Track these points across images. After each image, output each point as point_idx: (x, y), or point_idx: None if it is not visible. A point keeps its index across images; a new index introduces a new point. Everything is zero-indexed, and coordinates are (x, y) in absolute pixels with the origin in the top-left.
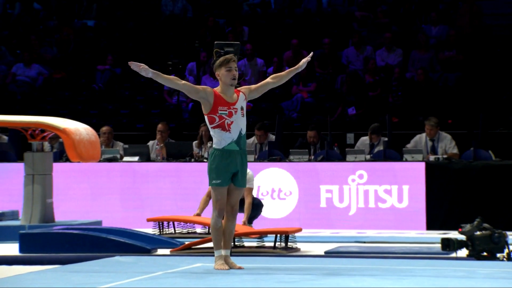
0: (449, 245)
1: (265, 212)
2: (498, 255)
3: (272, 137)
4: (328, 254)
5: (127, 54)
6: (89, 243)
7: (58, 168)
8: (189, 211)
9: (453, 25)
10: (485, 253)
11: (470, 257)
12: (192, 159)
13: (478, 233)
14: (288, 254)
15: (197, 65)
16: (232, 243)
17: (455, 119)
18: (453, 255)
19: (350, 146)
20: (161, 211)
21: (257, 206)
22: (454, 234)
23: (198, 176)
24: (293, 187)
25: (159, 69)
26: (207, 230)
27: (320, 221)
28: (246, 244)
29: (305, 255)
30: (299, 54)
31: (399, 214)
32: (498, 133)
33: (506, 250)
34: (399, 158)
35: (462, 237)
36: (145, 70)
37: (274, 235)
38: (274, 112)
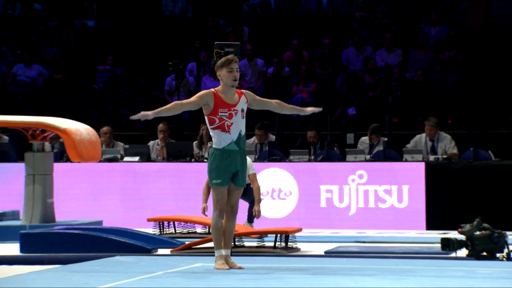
0: (449, 245)
1: (265, 212)
2: (498, 255)
3: (272, 137)
4: (328, 254)
5: (128, 55)
6: (90, 243)
7: (59, 168)
8: (190, 211)
9: (455, 25)
10: (485, 253)
11: (470, 257)
12: (193, 159)
13: (478, 233)
14: (288, 254)
15: (197, 65)
16: (233, 243)
17: (455, 119)
18: (453, 255)
19: (350, 146)
20: (162, 211)
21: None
22: (454, 234)
23: (199, 176)
24: (293, 187)
25: (160, 69)
26: (207, 230)
27: (320, 221)
28: (246, 244)
29: (305, 255)
30: (299, 55)
31: (399, 214)
32: (498, 133)
33: (506, 250)
34: (399, 158)
35: (462, 237)
36: (146, 116)
37: (274, 235)
38: (274, 112)
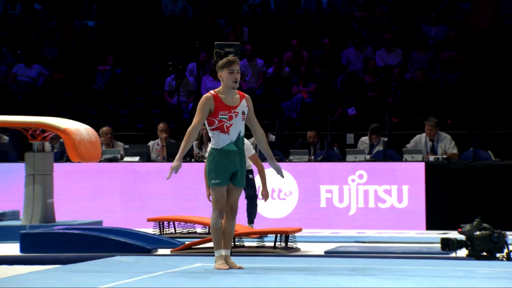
0: (449, 245)
1: (265, 212)
2: (498, 255)
3: (272, 137)
4: (328, 254)
5: (128, 55)
6: (90, 243)
7: (59, 168)
8: (190, 211)
9: (455, 25)
10: (485, 253)
11: (470, 257)
12: (193, 159)
13: (478, 233)
14: (288, 254)
15: (197, 66)
16: (232, 243)
17: (455, 119)
18: (453, 255)
19: (350, 146)
20: (162, 211)
21: (253, 201)
22: (454, 234)
23: (199, 177)
24: (293, 187)
25: (160, 69)
26: (207, 230)
27: (320, 221)
28: (246, 244)
29: (305, 255)
30: (299, 55)
31: (399, 214)
32: (498, 133)
33: (506, 250)
34: (399, 158)
35: (462, 237)
36: (175, 167)
37: (274, 235)
38: (274, 112)
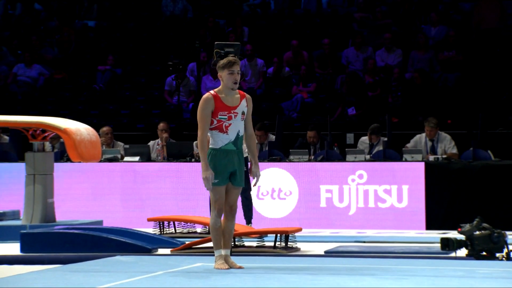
0: (449, 245)
1: (265, 212)
2: (497, 255)
3: (272, 137)
4: (328, 254)
5: (128, 55)
6: (90, 243)
7: (59, 168)
8: (190, 211)
9: (455, 25)
10: (484, 253)
11: (470, 257)
12: (193, 159)
13: (478, 233)
14: (288, 254)
15: (198, 66)
16: (232, 243)
17: (455, 119)
18: (453, 255)
19: (350, 146)
20: (162, 211)
21: (247, 195)
22: (454, 234)
23: (199, 176)
24: (293, 187)
25: (160, 69)
26: (207, 230)
27: (320, 221)
28: (246, 244)
29: (305, 255)
30: (299, 55)
31: (399, 214)
32: (498, 133)
33: (505, 250)
34: (399, 158)
35: (462, 237)
36: (207, 177)
37: (274, 235)
38: (274, 112)
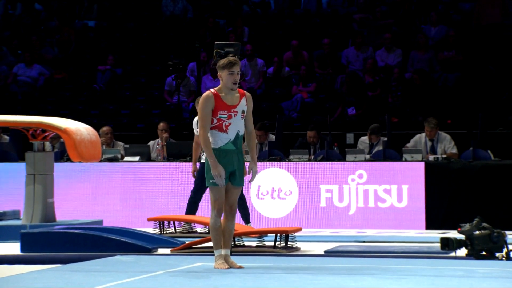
0: (448, 245)
1: (265, 212)
2: (497, 255)
3: (272, 137)
4: (328, 254)
5: (128, 55)
6: (90, 243)
7: (59, 168)
8: None
9: (455, 25)
10: (484, 253)
11: (469, 257)
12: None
13: (477, 233)
14: (288, 254)
15: (198, 65)
16: (232, 243)
17: (455, 119)
18: (452, 255)
19: (350, 146)
20: (162, 211)
21: (243, 202)
22: (453, 234)
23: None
24: (293, 187)
25: (160, 69)
26: (207, 230)
27: (320, 221)
28: (246, 244)
29: (305, 255)
30: (299, 55)
31: (399, 214)
32: (497, 133)
33: (505, 250)
34: (399, 158)
35: (461, 237)
36: (222, 170)
37: (274, 235)
38: (274, 112)
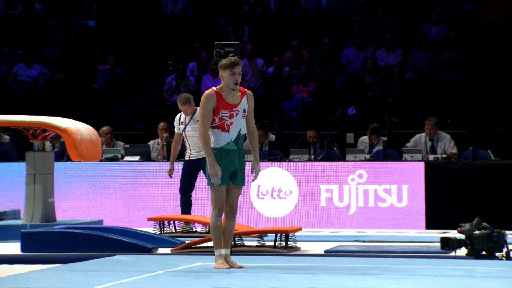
0: (448, 244)
1: (265, 212)
2: (497, 254)
3: (272, 137)
4: (328, 253)
5: (128, 55)
6: (90, 242)
7: (59, 168)
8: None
9: (455, 25)
10: (484, 252)
11: (469, 256)
12: None
13: (477, 232)
14: (288, 253)
15: (198, 65)
16: (232, 242)
17: (454, 119)
18: (452, 254)
19: (350, 146)
20: (162, 211)
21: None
22: (453, 233)
23: (198, 176)
24: (293, 187)
25: (160, 69)
26: (208, 229)
27: (320, 220)
28: (246, 243)
29: (305, 254)
30: (299, 55)
31: (399, 213)
32: (497, 133)
33: (505, 249)
34: (399, 158)
35: (461, 236)
36: (219, 169)
37: (274, 234)
38: (274, 112)
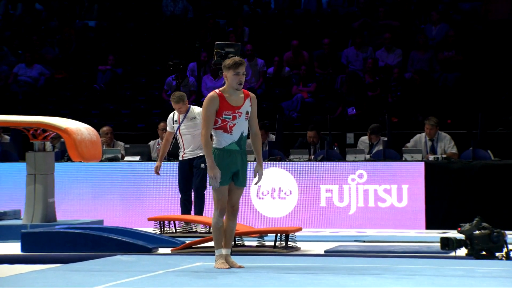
0: (448, 244)
1: (265, 212)
2: (497, 254)
3: (273, 137)
4: (328, 253)
5: (128, 55)
6: (91, 242)
7: (60, 168)
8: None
9: (455, 25)
10: (484, 252)
11: (469, 256)
12: None
13: (477, 232)
14: (288, 253)
15: (198, 66)
16: (233, 242)
17: (454, 119)
18: (452, 254)
19: (350, 146)
20: (162, 211)
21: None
22: (453, 233)
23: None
24: (293, 187)
25: (160, 69)
26: (208, 229)
27: (320, 220)
28: (247, 243)
29: (305, 254)
30: (299, 55)
31: (399, 214)
32: (497, 133)
33: (505, 249)
34: (399, 158)
35: (461, 236)
36: (218, 172)
37: (275, 234)
38: (275, 112)
